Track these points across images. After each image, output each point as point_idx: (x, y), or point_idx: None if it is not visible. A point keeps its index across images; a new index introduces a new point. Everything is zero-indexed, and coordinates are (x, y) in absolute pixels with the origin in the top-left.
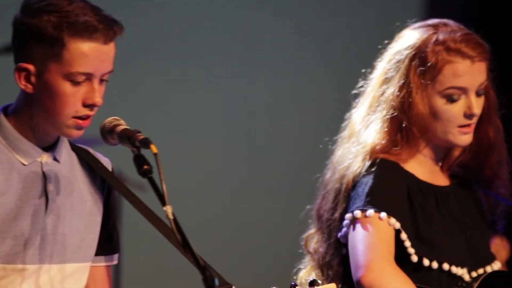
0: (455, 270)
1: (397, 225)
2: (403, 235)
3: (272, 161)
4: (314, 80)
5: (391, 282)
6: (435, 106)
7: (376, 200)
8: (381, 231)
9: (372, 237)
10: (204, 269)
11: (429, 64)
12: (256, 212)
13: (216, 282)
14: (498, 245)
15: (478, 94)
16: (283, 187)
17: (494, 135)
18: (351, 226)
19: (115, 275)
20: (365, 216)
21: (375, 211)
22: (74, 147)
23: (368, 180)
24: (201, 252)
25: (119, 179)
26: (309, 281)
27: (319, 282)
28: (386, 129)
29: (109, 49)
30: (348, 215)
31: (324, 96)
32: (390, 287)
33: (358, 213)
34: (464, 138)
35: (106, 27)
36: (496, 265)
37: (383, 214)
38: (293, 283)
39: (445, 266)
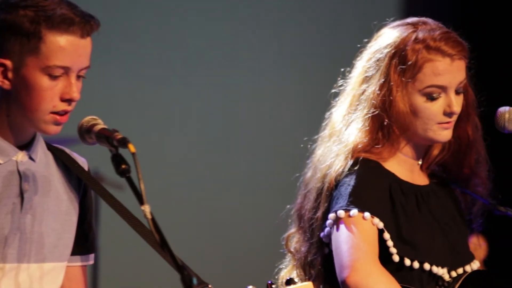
0: (436, 270)
1: (380, 225)
2: (386, 235)
3: (252, 161)
4: (294, 79)
5: (377, 283)
6: (415, 104)
7: (359, 200)
8: (365, 231)
9: (356, 237)
10: (182, 268)
11: (409, 62)
12: (236, 211)
13: (195, 281)
14: (475, 244)
15: (457, 92)
16: (264, 186)
17: (472, 133)
18: (335, 226)
19: (93, 275)
20: (349, 216)
21: (359, 211)
22: (50, 147)
23: (351, 180)
24: (180, 252)
25: (95, 179)
26: (285, 280)
27: (296, 280)
28: (367, 128)
29: (86, 43)
30: (331, 215)
31: (304, 95)
32: (376, 287)
33: (341, 213)
34: (445, 134)
35: (83, 21)
36: (475, 265)
37: (367, 214)
38: (269, 282)
39: (426, 266)
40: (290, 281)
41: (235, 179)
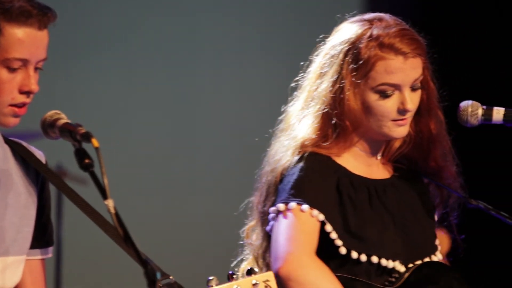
0: (386, 263)
1: (321, 217)
2: (328, 227)
3: (215, 154)
4: (257, 73)
5: (308, 273)
6: (368, 101)
7: (299, 192)
8: (302, 223)
9: (292, 229)
10: (145, 263)
11: (362, 60)
12: (198, 204)
13: (158, 275)
14: (439, 237)
15: (413, 89)
16: (224, 180)
17: (435, 128)
18: (276, 219)
19: (55, 270)
20: (288, 209)
21: (297, 203)
22: (7, 141)
23: (294, 173)
24: (141, 245)
25: (54, 172)
26: (246, 270)
27: (256, 270)
28: (318, 124)
29: (44, 35)
30: (272, 209)
31: (264, 90)
32: (307, 279)
33: (281, 206)
34: (400, 130)
35: (40, 13)
36: (437, 257)
37: (305, 206)
38: (230, 272)
39: (374, 259)
40: (250, 271)
41: (197, 172)
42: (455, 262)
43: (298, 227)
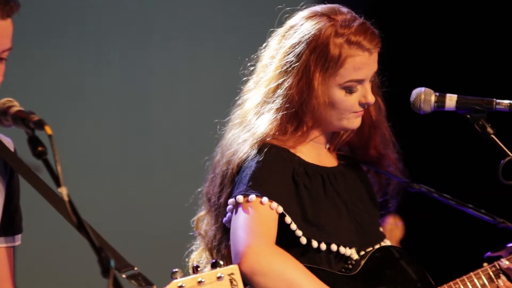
0: (344, 250)
1: (280, 209)
2: (287, 219)
3: (165, 143)
4: (205, 62)
5: (271, 262)
6: (334, 97)
7: (258, 184)
8: (262, 215)
9: (252, 222)
10: (99, 250)
11: (331, 58)
12: (151, 194)
13: (112, 263)
14: (391, 224)
15: (370, 81)
16: (175, 169)
17: (376, 115)
18: (234, 211)
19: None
20: (247, 201)
21: (257, 196)
22: None
23: (252, 165)
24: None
25: (21, 160)
26: (211, 262)
27: (221, 263)
28: (279, 120)
29: (7, 24)
30: (230, 200)
31: (216, 81)
32: (271, 268)
33: (240, 198)
34: (358, 121)
35: (2, 2)
36: (385, 244)
37: (265, 199)
38: (195, 265)
39: (333, 247)
40: (215, 264)
41: (150, 162)
42: (403, 246)
43: (257, 219)
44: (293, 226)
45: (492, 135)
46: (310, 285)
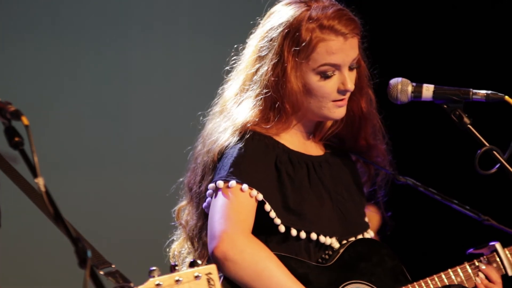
0: (324, 239)
1: (260, 197)
2: (267, 206)
3: (146, 134)
4: (187, 53)
5: (243, 251)
6: (309, 83)
7: (239, 171)
8: (240, 202)
9: (229, 208)
10: (76, 240)
11: (303, 42)
12: (132, 184)
13: (89, 254)
14: (369, 214)
15: (350, 69)
16: (155, 159)
17: (366, 106)
18: (214, 195)
19: None
20: (227, 187)
21: (237, 182)
22: None
23: (234, 151)
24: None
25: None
26: (189, 262)
27: (199, 262)
28: (259, 107)
29: None
30: (211, 185)
31: (197, 71)
32: (242, 256)
33: (220, 183)
34: (339, 111)
35: None
36: (369, 234)
37: (245, 186)
38: (173, 264)
39: (313, 235)
40: (193, 263)
41: (129, 152)
42: (383, 239)
43: (235, 206)
44: (272, 214)
45: (468, 125)
46: (280, 277)
